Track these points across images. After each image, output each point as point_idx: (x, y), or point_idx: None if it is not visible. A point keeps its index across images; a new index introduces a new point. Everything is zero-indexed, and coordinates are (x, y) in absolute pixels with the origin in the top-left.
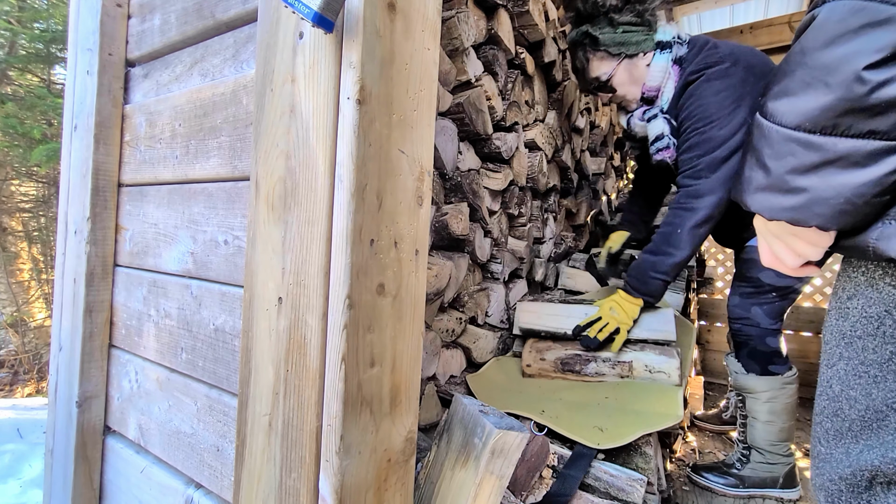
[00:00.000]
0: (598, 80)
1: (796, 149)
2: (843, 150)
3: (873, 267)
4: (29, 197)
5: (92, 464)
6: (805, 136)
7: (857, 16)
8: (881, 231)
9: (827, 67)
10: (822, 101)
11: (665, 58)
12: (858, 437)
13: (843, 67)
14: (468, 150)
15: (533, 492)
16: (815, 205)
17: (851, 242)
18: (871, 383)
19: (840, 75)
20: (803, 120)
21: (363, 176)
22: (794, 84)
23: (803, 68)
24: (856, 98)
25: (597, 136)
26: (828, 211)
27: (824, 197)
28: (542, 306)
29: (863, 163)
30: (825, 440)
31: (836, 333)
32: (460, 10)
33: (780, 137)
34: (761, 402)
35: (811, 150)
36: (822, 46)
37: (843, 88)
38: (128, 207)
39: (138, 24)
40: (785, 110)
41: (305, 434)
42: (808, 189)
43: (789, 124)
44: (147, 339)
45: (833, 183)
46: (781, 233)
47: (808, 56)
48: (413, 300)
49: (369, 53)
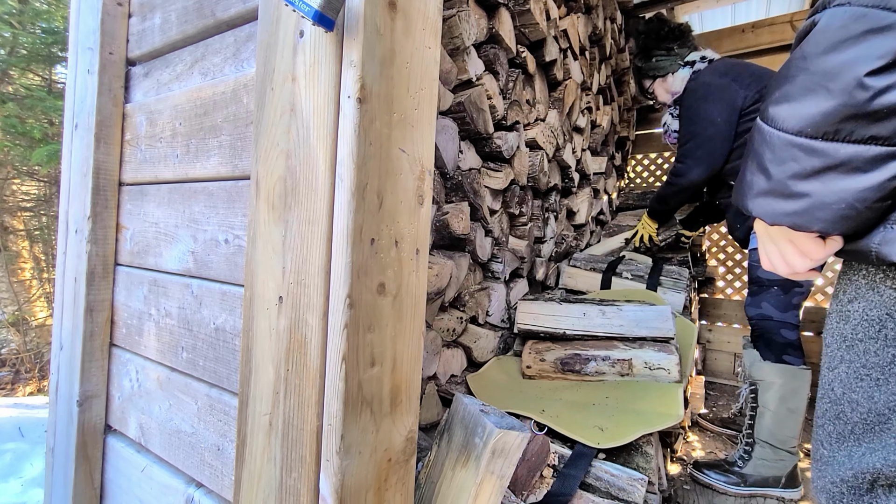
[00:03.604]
0: (645, 90)
1: (798, 154)
2: (845, 156)
3: (874, 270)
4: (30, 196)
5: (93, 463)
6: (807, 142)
7: (859, 22)
8: (883, 236)
9: (828, 73)
10: (823, 106)
11: (686, 71)
12: (861, 440)
13: (844, 73)
14: (469, 149)
15: (534, 491)
16: (818, 210)
17: (853, 247)
18: (872, 386)
19: (842, 81)
20: (805, 125)
21: (364, 175)
22: (795, 89)
23: (805, 74)
24: (857, 104)
25: (598, 136)
26: (830, 216)
27: (826, 202)
28: (541, 307)
29: (865, 168)
30: (827, 443)
31: (837, 336)
32: (461, 8)
33: (782, 142)
34: (773, 391)
35: (813, 156)
36: (823, 52)
37: (844, 94)
38: (128, 206)
39: (139, 23)
40: (786, 115)
41: (306, 434)
42: (811, 194)
43: (791, 129)
44: (148, 338)
45: (835, 188)
46: (780, 238)
47: (810, 61)
48: (414, 300)
49: (370, 52)
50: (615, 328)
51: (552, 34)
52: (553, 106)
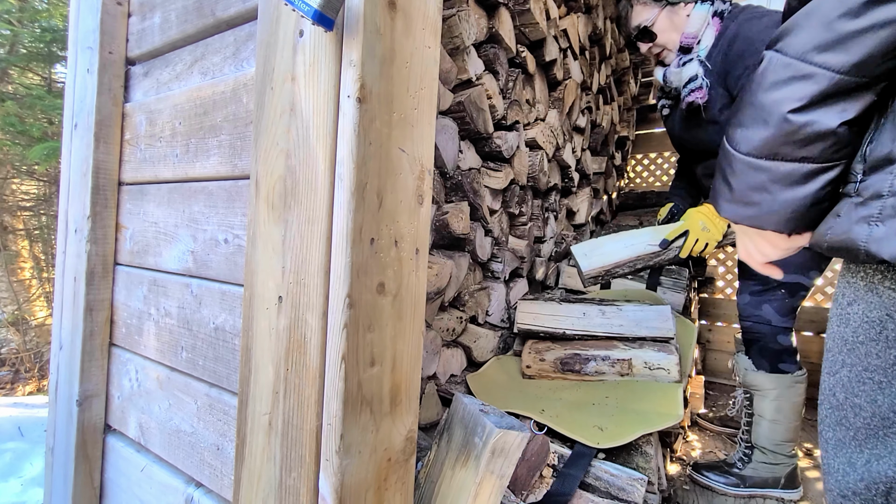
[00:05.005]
0: (640, 26)
1: (749, 171)
2: (785, 172)
3: (872, 271)
4: (30, 195)
5: (92, 462)
6: (755, 161)
7: (786, 69)
8: (870, 234)
9: (765, 108)
10: (763, 134)
11: (706, 8)
12: (863, 446)
13: (775, 109)
14: (469, 148)
15: (533, 491)
16: (768, 214)
17: (842, 244)
18: (875, 389)
19: (774, 116)
20: (752, 148)
21: (363, 175)
22: (744, 118)
23: (751, 107)
24: (787, 133)
25: (598, 135)
26: (778, 219)
27: (774, 209)
28: (541, 306)
29: (801, 181)
30: (825, 450)
31: (837, 340)
32: (461, 8)
33: (738, 161)
34: (769, 400)
35: (760, 172)
36: (762, 90)
37: (776, 126)
38: (128, 206)
39: (138, 23)
40: (739, 139)
41: (305, 433)
42: (761, 203)
43: (742, 151)
44: (147, 337)
45: (779, 198)
46: (751, 233)
47: (754, 96)
48: (413, 299)
49: (370, 52)
50: (615, 328)
51: (552, 34)
52: (553, 106)
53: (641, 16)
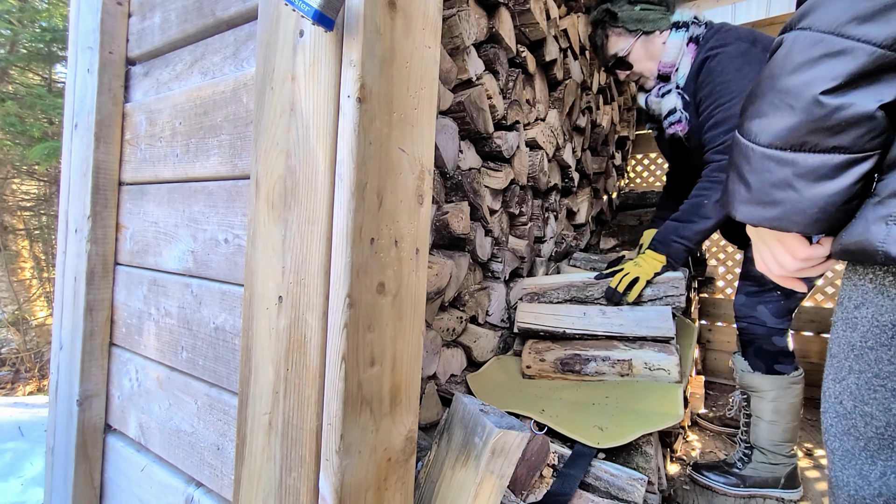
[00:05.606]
0: (616, 56)
1: (771, 165)
2: (813, 165)
3: (882, 273)
4: (30, 195)
5: (93, 462)
6: (778, 153)
7: (817, 47)
8: (888, 234)
9: (791, 92)
10: (789, 121)
11: (680, 36)
12: (875, 458)
13: (804, 92)
14: (469, 148)
15: (533, 491)
16: (793, 214)
17: (858, 247)
18: (889, 397)
19: (802, 100)
20: (774, 139)
21: (363, 174)
22: (764, 106)
23: (772, 92)
24: (817, 119)
25: (598, 135)
26: (805, 219)
27: (800, 208)
28: (541, 306)
29: (831, 175)
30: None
31: (844, 346)
32: (461, 8)
33: (757, 155)
34: (766, 401)
35: (785, 166)
36: (787, 73)
37: (805, 111)
38: (128, 206)
39: (139, 23)
40: (758, 130)
41: (305, 433)
42: (785, 202)
43: (763, 143)
44: (147, 337)
45: (807, 195)
46: (769, 239)
47: (776, 81)
48: (413, 299)
49: (370, 51)
50: (615, 328)
51: (552, 34)
52: (553, 105)
53: (617, 45)
